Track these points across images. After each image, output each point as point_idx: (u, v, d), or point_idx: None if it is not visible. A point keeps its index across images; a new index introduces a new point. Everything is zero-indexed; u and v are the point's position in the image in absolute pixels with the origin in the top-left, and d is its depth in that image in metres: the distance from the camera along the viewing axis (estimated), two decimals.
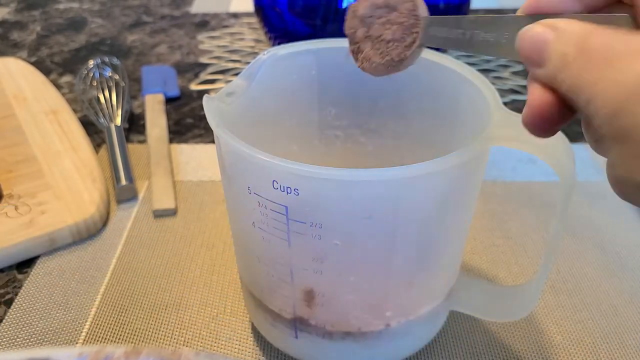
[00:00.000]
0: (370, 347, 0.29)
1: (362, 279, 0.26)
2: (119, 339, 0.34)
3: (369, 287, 0.26)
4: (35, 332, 0.34)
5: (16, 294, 0.37)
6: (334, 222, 0.24)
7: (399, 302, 0.28)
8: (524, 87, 0.58)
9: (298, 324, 0.28)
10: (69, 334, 0.34)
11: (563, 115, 0.18)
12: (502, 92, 0.57)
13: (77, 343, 0.33)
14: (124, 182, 0.44)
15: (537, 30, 0.18)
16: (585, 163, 0.47)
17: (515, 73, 0.61)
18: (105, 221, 0.42)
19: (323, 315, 0.27)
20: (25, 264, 0.39)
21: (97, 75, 0.56)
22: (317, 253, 0.25)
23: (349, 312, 0.27)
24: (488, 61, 0.63)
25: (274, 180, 0.23)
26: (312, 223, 0.24)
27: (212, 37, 0.70)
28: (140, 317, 0.35)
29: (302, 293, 0.27)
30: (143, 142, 0.51)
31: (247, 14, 0.76)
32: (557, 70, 0.17)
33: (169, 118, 0.54)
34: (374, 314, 0.28)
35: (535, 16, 0.19)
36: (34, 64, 0.63)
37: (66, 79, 0.62)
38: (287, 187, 0.23)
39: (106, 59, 0.58)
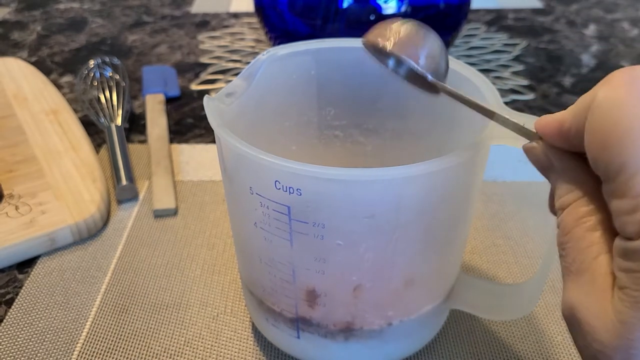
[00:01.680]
0: (372, 347, 0.29)
1: (364, 279, 0.26)
2: (120, 338, 0.34)
3: (371, 286, 0.26)
4: (36, 332, 0.34)
5: (17, 294, 0.37)
6: (336, 221, 0.24)
7: (401, 301, 0.28)
8: (524, 86, 0.58)
9: (300, 324, 0.28)
10: (69, 334, 0.34)
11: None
12: (503, 92, 0.57)
13: (77, 343, 0.33)
14: (124, 182, 0.44)
15: (538, 155, 0.20)
16: None
17: (515, 73, 0.61)
18: (105, 221, 0.42)
19: (325, 314, 0.27)
20: (26, 264, 0.39)
21: (97, 75, 0.56)
22: (319, 253, 0.25)
23: (351, 312, 0.27)
24: (488, 61, 0.63)
25: (276, 181, 0.23)
26: (314, 223, 0.24)
27: (213, 37, 0.70)
28: (140, 317, 0.35)
29: (304, 293, 0.27)
30: (143, 142, 0.51)
31: (248, 14, 0.76)
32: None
33: (169, 118, 0.54)
34: (375, 313, 0.28)
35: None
36: (34, 63, 0.63)
37: (66, 78, 0.62)
38: (289, 187, 0.23)
39: (107, 59, 0.58)
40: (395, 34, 0.24)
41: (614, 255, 0.17)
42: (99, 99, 0.53)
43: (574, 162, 0.19)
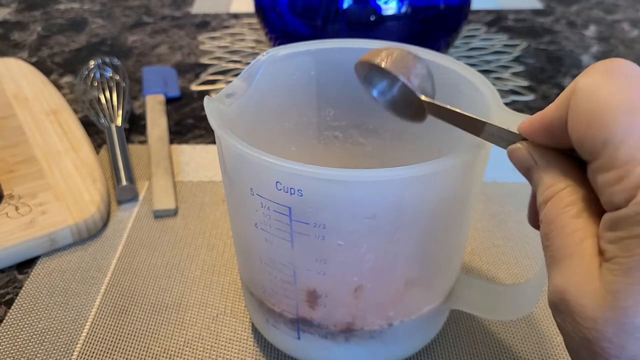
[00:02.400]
0: (373, 347, 0.29)
1: (365, 279, 0.26)
2: (119, 339, 0.34)
3: (372, 287, 0.26)
4: (36, 332, 0.34)
5: (16, 294, 0.37)
6: (337, 222, 0.24)
7: (401, 302, 0.28)
8: (524, 87, 0.58)
9: (300, 325, 0.28)
10: (69, 335, 0.34)
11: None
12: (503, 93, 0.57)
13: (77, 344, 0.33)
14: (124, 182, 0.44)
15: (522, 155, 0.21)
16: None
17: (515, 74, 0.61)
18: (105, 221, 0.42)
19: (326, 315, 0.27)
20: (26, 264, 0.39)
21: (97, 75, 0.56)
22: (320, 253, 0.25)
23: (352, 312, 0.27)
24: (488, 62, 0.63)
25: (277, 182, 0.23)
26: (315, 224, 0.24)
27: (213, 38, 0.70)
28: (140, 318, 0.35)
29: (305, 294, 0.27)
30: (144, 142, 0.51)
31: (248, 15, 0.76)
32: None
33: (169, 118, 0.54)
34: (376, 313, 0.28)
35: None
36: (34, 64, 0.63)
37: (67, 79, 0.62)
38: (290, 188, 0.23)
39: (107, 60, 0.58)
40: (389, 55, 0.26)
41: (601, 233, 0.17)
42: (99, 99, 0.53)
43: (555, 157, 0.20)
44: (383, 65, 0.25)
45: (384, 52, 0.26)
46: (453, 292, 0.31)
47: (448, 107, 0.24)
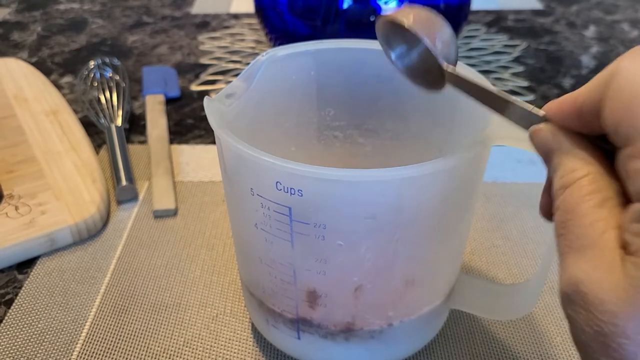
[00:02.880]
0: (372, 347, 0.29)
1: (365, 279, 0.26)
2: (119, 339, 0.34)
3: (372, 286, 0.26)
4: (35, 332, 0.34)
5: (16, 294, 0.37)
6: (337, 222, 0.24)
7: (401, 302, 0.28)
8: (524, 88, 0.58)
9: (300, 325, 0.28)
10: (68, 335, 0.34)
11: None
12: None
13: (77, 343, 0.33)
14: (124, 182, 0.44)
15: (545, 136, 0.20)
16: None
17: (515, 74, 0.61)
18: (105, 221, 0.42)
19: (326, 315, 0.27)
20: (26, 264, 0.39)
21: (97, 75, 0.56)
22: (320, 254, 0.25)
23: (352, 312, 0.27)
24: (488, 62, 0.63)
25: (277, 182, 0.23)
26: (315, 224, 0.24)
27: (213, 38, 0.70)
28: (140, 318, 0.35)
29: (305, 294, 0.27)
30: (143, 142, 0.51)
31: (248, 15, 0.76)
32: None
33: (169, 119, 0.54)
34: (376, 313, 0.28)
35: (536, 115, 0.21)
36: (34, 64, 0.63)
37: (67, 79, 0.62)
38: (290, 188, 0.23)
39: (107, 60, 0.58)
40: (414, 14, 0.24)
41: (626, 224, 0.17)
42: (99, 99, 0.53)
43: (580, 142, 0.19)
44: (407, 24, 0.24)
45: (409, 11, 0.24)
46: (453, 292, 0.31)
47: (470, 78, 0.23)
